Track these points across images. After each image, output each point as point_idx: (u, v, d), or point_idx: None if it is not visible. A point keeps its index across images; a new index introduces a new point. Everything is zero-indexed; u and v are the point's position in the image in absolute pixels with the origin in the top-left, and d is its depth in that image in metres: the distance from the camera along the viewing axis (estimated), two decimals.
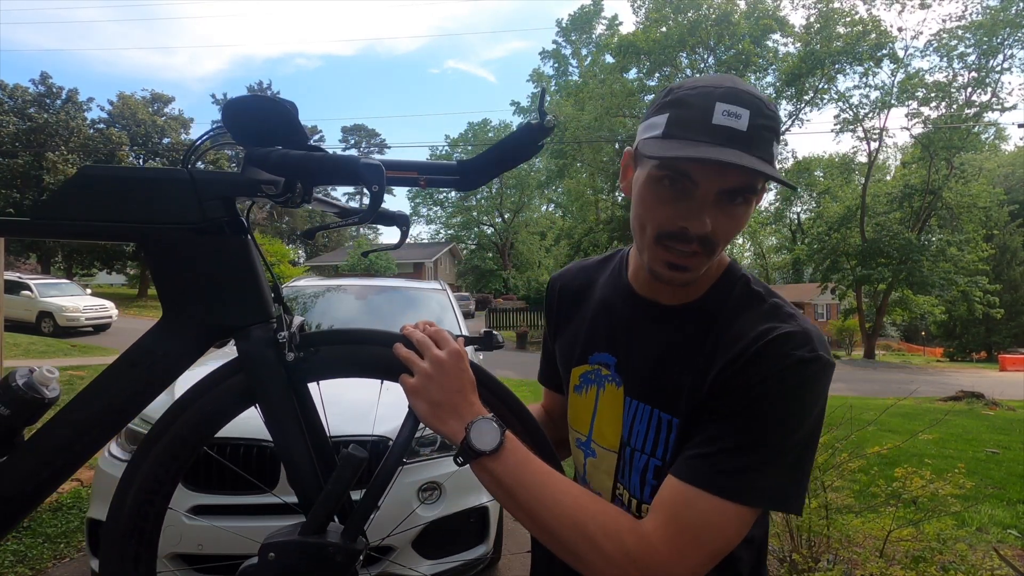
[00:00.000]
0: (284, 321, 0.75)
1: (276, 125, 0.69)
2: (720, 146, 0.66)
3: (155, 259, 0.74)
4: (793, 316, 0.74)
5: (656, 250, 0.75)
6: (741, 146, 0.66)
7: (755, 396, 0.68)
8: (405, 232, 0.78)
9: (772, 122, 0.70)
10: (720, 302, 0.79)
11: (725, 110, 0.67)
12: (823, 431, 0.74)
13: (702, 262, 0.74)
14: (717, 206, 0.71)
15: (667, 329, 0.81)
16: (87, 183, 0.72)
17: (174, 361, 0.74)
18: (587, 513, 0.67)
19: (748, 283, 0.80)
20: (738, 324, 0.75)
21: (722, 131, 0.67)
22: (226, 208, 0.73)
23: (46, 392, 0.74)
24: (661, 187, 0.72)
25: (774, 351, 0.69)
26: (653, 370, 0.80)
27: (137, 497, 0.72)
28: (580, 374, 0.90)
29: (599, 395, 0.87)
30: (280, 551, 0.68)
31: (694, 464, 0.68)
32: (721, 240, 0.73)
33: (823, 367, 0.69)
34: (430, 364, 0.73)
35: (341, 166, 0.68)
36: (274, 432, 0.73)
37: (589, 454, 0.89)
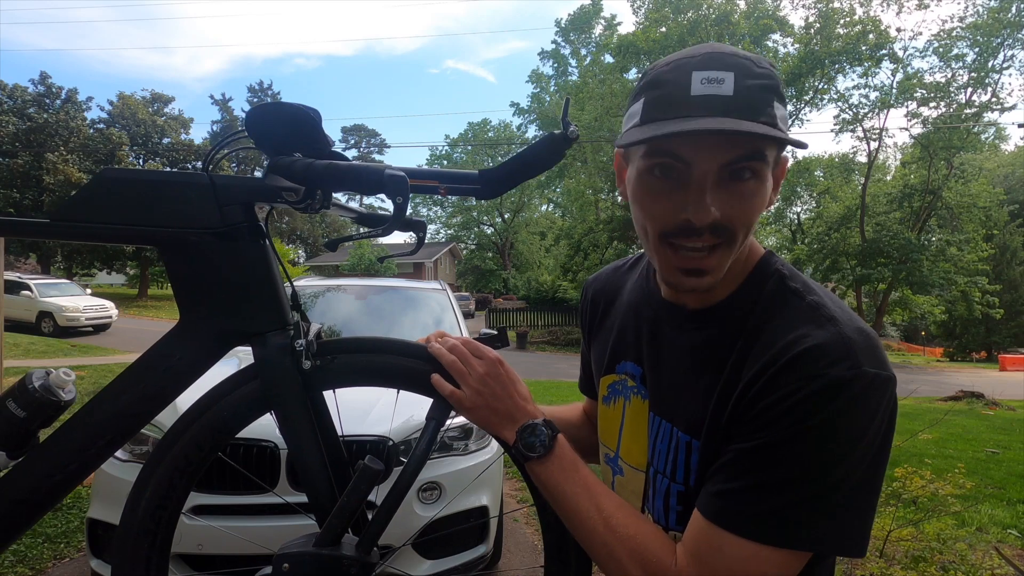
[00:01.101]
0: (301, 329, 0.74)
1: (299, 132, 0.69)
2: (703, 117, 0.58)
3: (173, 263, 0.73)
4: (834, 319, 0.61)
5: (664, 253, 0.66)
6: (728, 112, 0.58)
7: (784, 425, 0.57)
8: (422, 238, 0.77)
9: (767, 79, 0.61)
10: (750, 303, 0.69)
11: (704, 77, 0.59)
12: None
13: (722, 257, 0.64)
14: (721, 187, 0.62)
15: (692, 337, 0.72)
16: (107, 186, 0.71)
17: (189, 366, 0.74)
18: (619, 536, 0.65)
19: (783, 279, 0.69)
20: (769, 330, 0.64)
21: (704, 101, 0.59)
22: (245, 213, 0.72)
23: (62, 395, 0.74)
24: (652, 179, 0.65)
25: (803, 369, 0.58)
26: (675, 383, 0.73)
27: (151, 501, 0.72)
28: (608, 384, 0.85)
29: (626, 408, 0.81)
30: (294, 562, 0.67)
31: (721, 502, 0.61)
32: (738, 225, 0.63)
33: (870, 385, 0.57)
34: (478, 378, 0.73)
35: (366, 177, 0.67)
36: (289, 439, 0.73)
37: (617, 471, 0.83)
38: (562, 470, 0.70)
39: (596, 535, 0.66)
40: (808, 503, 0.57)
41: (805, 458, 0.57)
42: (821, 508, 0.57)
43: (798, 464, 0.57)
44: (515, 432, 0.71)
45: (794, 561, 0.59)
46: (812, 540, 0.58)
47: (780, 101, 0.62)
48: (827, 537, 0.58)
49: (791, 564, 0.59)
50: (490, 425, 0.73)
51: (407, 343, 0.78)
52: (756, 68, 0.61)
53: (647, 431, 0.76)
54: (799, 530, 0.57)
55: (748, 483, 0.59)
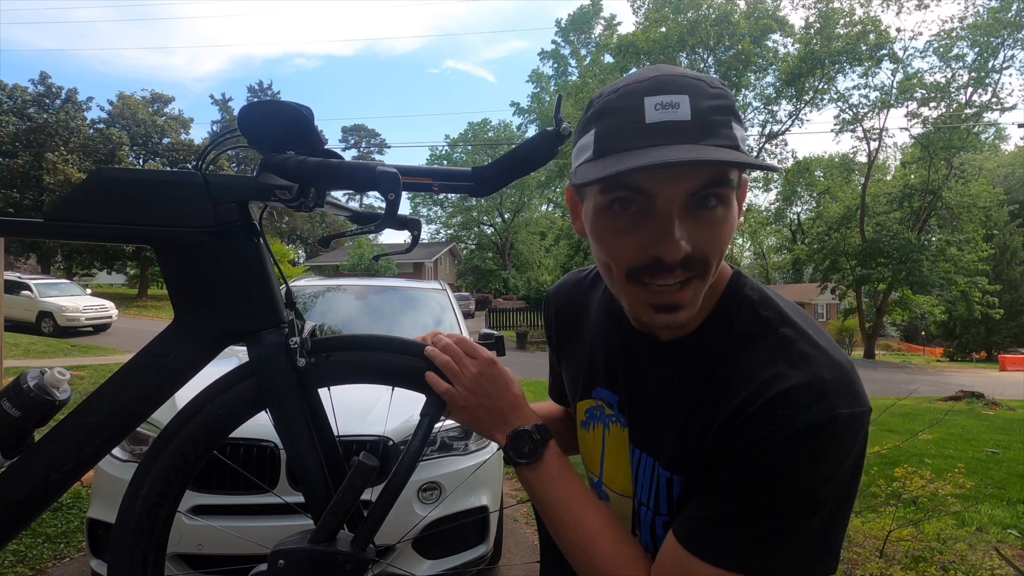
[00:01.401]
0: (296, 327, 0.74)
1: (291, 130, 0.69)
2: (663, 145, 0.55)
3: (168, 262, 0.73)
4: (806, 356, 0.59)
5: (632, 291, 0.62)
6: (688, 138, 0.55)
7: (758, 465, 0.57)
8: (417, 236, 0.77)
9: (722, 100, 0.57)
10: (721, 335, 0.65)
11: (657, 103, 0.56)
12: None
13: (696, 290, 0.61)
14: (689, 217, 0.58)
15: (665, 371, 0.69)
16: (101, 185, 0.71)
17: (185, 365, 0.74)
18: (599, 553, 0.66)
19: (754, 306, 0.66)
20: (742, 367, 0.62)
21: (660, 128, 0.55)
22: (240, 212, 0.72)
23: (57, 394, 0.74)
24: (613, 215, 0.61)
25: (775, 414, 0.57)
26: (652, 418, 0.70)
27: (147, 499, 0.72)
28: (585, 409, 0.82)
29: (605, 435, 0.78)
30: (290, 559, 0.68)
31: (695, 527, 0.61)
32: (711, 256, 0.60)
33: (843, 426, 0.56)
34: (472, 377, 0.73)
35: (358, 174, 0.67)
36: (284, 437, 0.73)
37: (603, 496, 0.80)
38: (550, 479, 0.70)
39: (576, 548, 0.68)
40: (778, 535, 0.57)
41: (780, 494, 0.57)
42: (791, 540, 0.58)
43: (772, 499, 0.57)
44: (506, 435, 0.72)
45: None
46: (779, 570, 0.58)
47: (738, 122, 0.58)
48: (795, 567, 0.58)
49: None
50: (482, 426, 0.74)
51: (402, 340, 0.78)
52: (709, 88, 0.57)
53: (629, 460, 0.74)
54: (767, 560, 0.58)
55: (722, 513, 0.59)
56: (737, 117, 0.59)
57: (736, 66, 22.64)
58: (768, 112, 24.59)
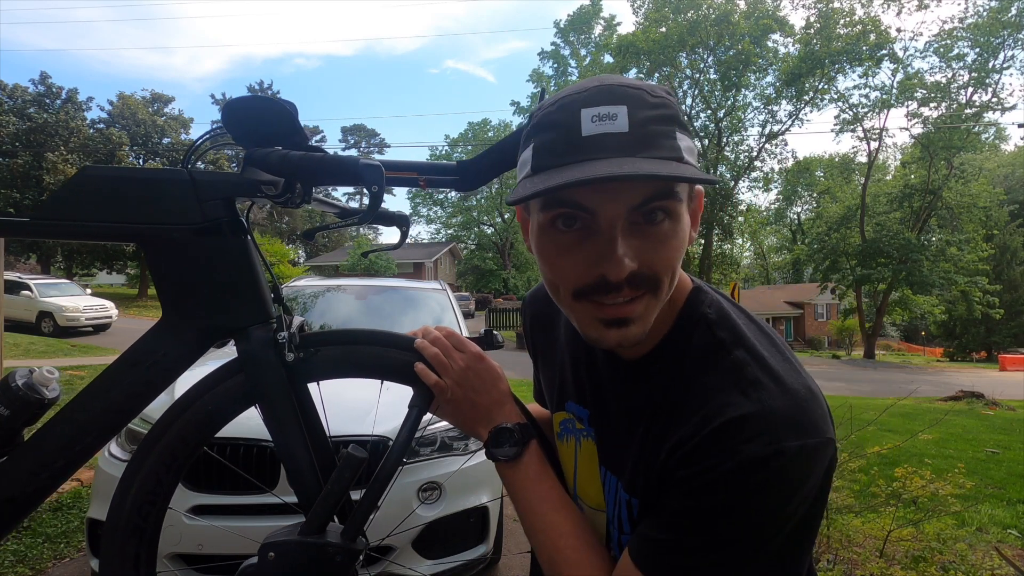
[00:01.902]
0: (284, 322, 0.75)
1: (276, 125, 0.69)
2: (598, 159, 0.52)
3: (155, 259, 0.74)
4: (757, 383, 0.57)
5: (581, 307, 0.60)
6: (626, 151, 0.53)
7: (704, 497, 0.56)
8: (405, 232, 0.78)
9: (664, 110, 0.55)
10: (677, 356, 0.64)
11: (594, 115, 0.54)
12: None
13: (647, 305, 0.59)
14: (634, 234, 0.56)
15: (628, 388, 0.68)
16: (87, 183, 0.72)
17: (174, 361, 0.74)
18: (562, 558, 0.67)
19: (710, 327, 0.63)
20: (693, 393, 0.60)
21: (596, 141, 0.53)
22: (226, 208, 0.72)
23: (46, 392, 0.74)
24: (556, 232, 0.59)
25: (721, 445, 0.55)
26: (618, 436, 0.69)
27: (138, 497, 0.72)
28: (560, 421, 0.82)
29: (577, 449, 0.78)
30: (280, 551, 0.68)
31: (644, 546, 0.61)
32: (660, 272, 0.58)
33: (791, 460, 0.54)
34: (459, 371, 0.73)
35: (341, 166, 0.68)
36: (274, 432, 0.73)
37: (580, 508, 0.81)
38: (526, 479, 0.71)
39: (543, 550, 0.68)
40: (723, 567, 0.57)
41: (722, 529, 0.56)
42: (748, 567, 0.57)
43: (715, 533, 0.56)
44: (488, 431, 0.72)
45: None
46: None
47: (683, 131, 0.56)
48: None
49: None
50: (467, 420, 0.74)
51: (390, 334, 0.78)
52: (650, 98, 0.55)
53: (599, 476, 0.73)
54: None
55: (670, 538, 0.59)
56: (682, 126, 0.56)
57: (736, 66, 22.64)
58: (768, 112, 24.61)
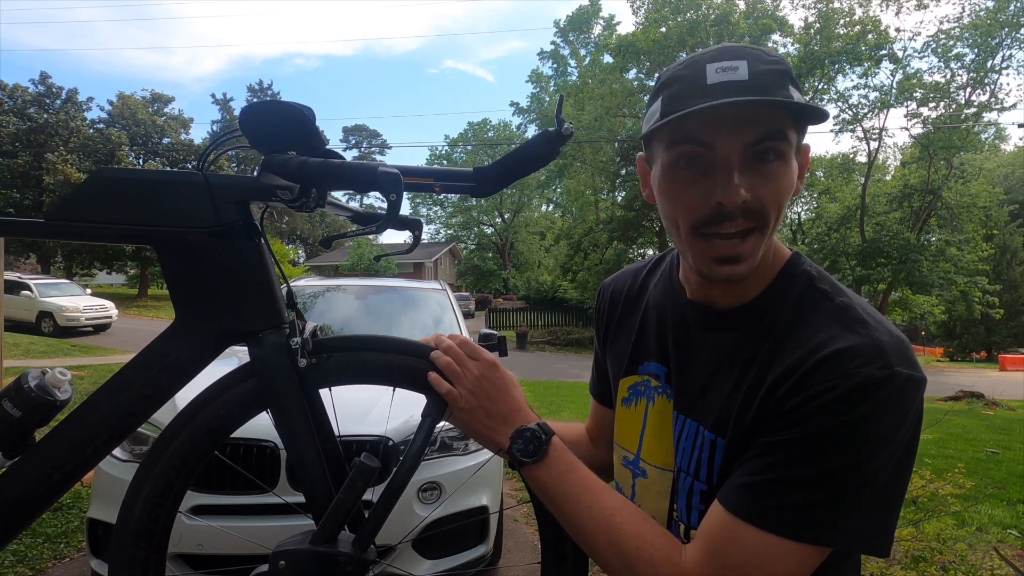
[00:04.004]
0: (297, 327, 0.74)
1: (292, 130, 0.69)
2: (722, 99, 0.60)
3: (168, 262, 0.73)
4: (864, 322, 0.61)
5: (697, 244, 0.66)
6: (748, 92, 0.60)
7: (815, 422, 0.57)
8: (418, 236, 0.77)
9: (779, 65, 0.62)
10: (778, 303, 0.68)
11: (718, 67, 0.61)
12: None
13: (756, 243, 0.64)
14: (748, 169, 0.62)
15: (720, 336, 0.72)
16: (102, 185, 0.71)
17: (186, 365, 0.74)
18: (624, 533, 0.64)
19: (812, 280, 0.69)
20: (799, 330, 0.64)
21: (721, 87, 0.60)
22: (240, 212, 0.72)
23: (58, 394, 0.74)
24: (679, 171, 0.66)
25: (836, 368, 0.57)
26: (702, 383, 0.72)
27: (148, 500, 0.72)
28: (629, 386, 0.84)
29: (648, 409, 0.80)
30: (291, 560, 0.67)
31: (744, 494, 0.60)
32: (769, 207, 0.63)
33: (903, 385, 0.57)
34: (474, 380, 0.72)
35: (359, 174, 0.67)
36: (285, 437, 0.73)
37: (639, 474, 0.81)
38: (559, 472, 0.69)
39: (599, 535, 0.65)
40: (835, 501, 0.57)
41: (835, 456, 0.57)
42: (847, 506, 0.57)
43: (827, 461, 0.57)
44: (508, 436, 0.71)
45: (813, 557, 0.58)
46: (835, 538, 0.57)
47: (795, 86, 0.63)
48: (851, 535, 0.57)
49: (809, 560, 0.58)
50: (484, 429, 0.72)
51: (404, 341, 0.78)
52: (767, 56, 0.63)
53: (672, 431, 0.75)
54: (823, 527, 0.57)
55: (774, 477, 0.58)
56: (794, 82, 0.63)
57: None
58: None
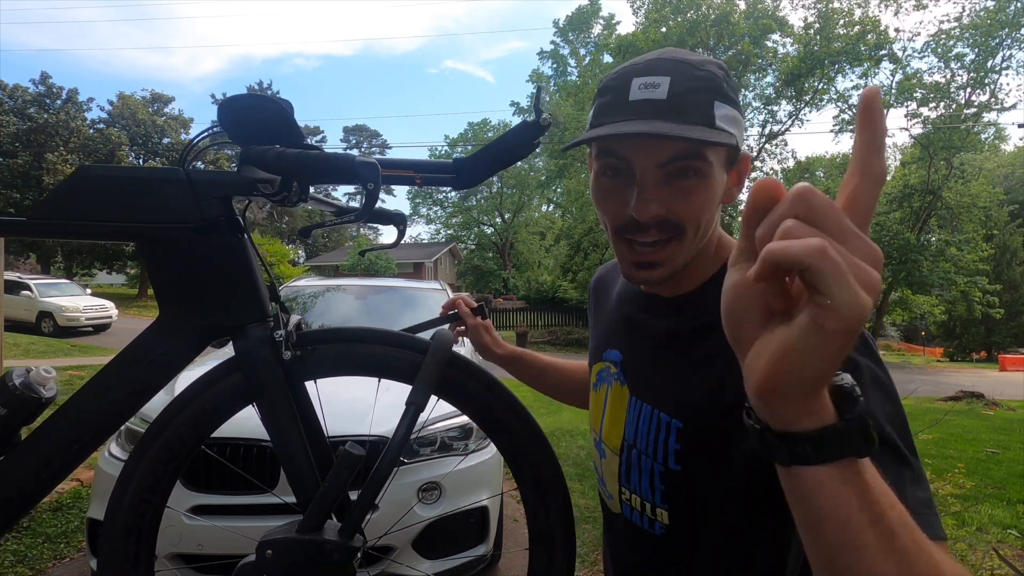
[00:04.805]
0: (281, 320, 0.75)
1: (272, 124, 0.69)
2: (635, 120, 0.62)
3: (152, 259, 0.74)
4: None
5: (620, 247, 0.71)
6: (662, 116, 0.62)
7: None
8: (402, 231, 0.78)
9: (705, 82, 0.63)
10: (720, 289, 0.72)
11: (641, 83, 0.63)
12: None
13: (673, 251, 0.68)
14: (665, 184, 0.66)
15: (668, 323, 0.76)
16: (84, 183, 0.72)
17: (171, 360, 0.74)
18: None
19: None
20: None
21: (639, 105, 0.63)
22: (223, 207, 0.73)
23: (43, 391, 0.74)
24: (604, 179, 0.70)
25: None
26: (654, 368, 0.76)
27: (135, 496, 0.72)
28: (597, 371, 0.88)
29: (608, 394, 0.84)
30: (277, 549, 0.68)
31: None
32: (685, 220, 0.66)
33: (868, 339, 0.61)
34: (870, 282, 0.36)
35: (337, 164, 0.68)
36: (271, 431, 0.73)
37: (601, 455, 0.86)
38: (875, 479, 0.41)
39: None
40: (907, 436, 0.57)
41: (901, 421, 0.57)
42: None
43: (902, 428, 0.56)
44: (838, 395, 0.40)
45: None
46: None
47: (724, 100, 0.64)
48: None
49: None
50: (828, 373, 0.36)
51: (389, 332, 0.78)
52: (697, 71, 0.63)
53: (625, 415, 0.79)
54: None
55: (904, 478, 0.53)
56: (723, 95, 0.64)
57: (736, 66, 22.63)
58: (768, 112, 24.59)
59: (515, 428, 0.77)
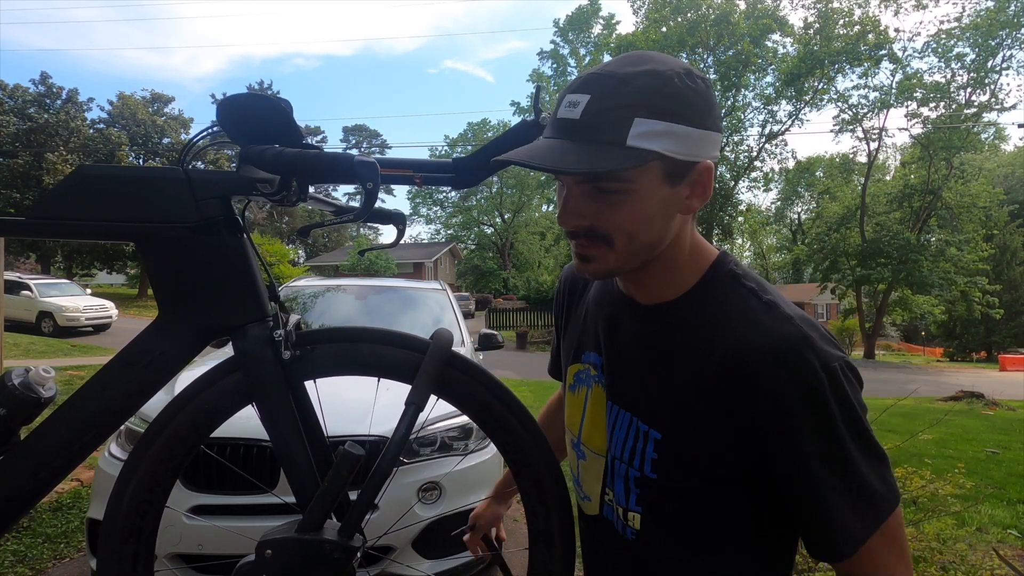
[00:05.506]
0: (280, 319, 0.75)
1: (271, 123, 0.69)
2: (555, 139, 0.65)
3: (151, 258, 0.74)
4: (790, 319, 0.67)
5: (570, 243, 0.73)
6: (573, 136, 0.63)
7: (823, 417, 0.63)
8: (402, 230, 0.78)
9: (628, 99, 0.62)
10: (706, 300, 0.72)
11: (568, 101, 0.64)
12: None
13: (604, 255, 0.69)
14: (591, 197, 0.67)
15: (648, 331, 0.75)
16: (83, 182, 0.72)
17: (170, 360, 0.74)
18: None
19: (737, 278, 0.72)
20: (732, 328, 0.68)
21: (560, 124, 0.65)
22: (222, 207, 0.73)
23: (42, 391, 0.74)
24: (559, 186, 0.72)
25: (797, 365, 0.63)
26: (633, 375, 0.75)
27: (135, 496, 0.72)
28: (574, 372, 0.88)
29: (588, 396, 0.83)
30: (277, 548, 0.68)
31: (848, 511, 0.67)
32: (613, 231, 0.67)
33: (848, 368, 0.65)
34: None
35: (336, 164, 0.68)
36: (271, 430, 0.73)
37: (580, 456, 0.85)
38: None
39: None
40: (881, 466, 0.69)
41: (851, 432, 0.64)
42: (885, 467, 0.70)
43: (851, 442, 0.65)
44: None
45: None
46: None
47: (654, 115, 0.61)
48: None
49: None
50: None
51: (387, 331, 0.78)
52: (623, 87, 0.62)
53: (605, 419, 0.79)
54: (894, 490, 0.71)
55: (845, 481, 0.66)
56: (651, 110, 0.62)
57: (736, 66, 22.62)
58: (768, 112, 24.59)
59: (513, 427, 0.77)
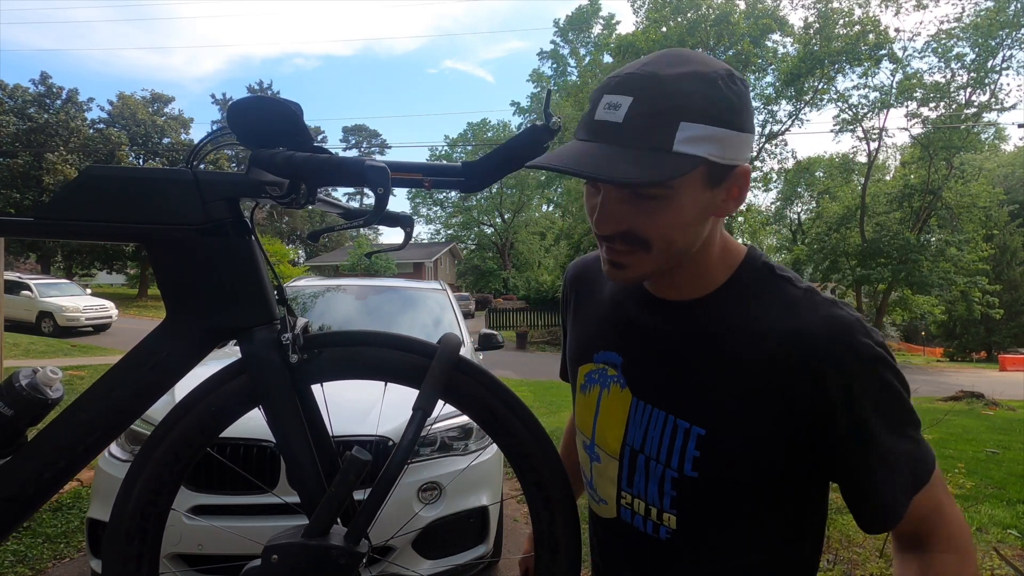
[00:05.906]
0: (288, 323, 0.74)
1: (280, 126, 0.69)
2: (595, 142, 0.62)
3: (159, 260, 0.73)
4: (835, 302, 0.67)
5: (601, 248, 0.72)
6: (615, 140, 0.61)
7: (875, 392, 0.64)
8: (409, 233, 0.77)
9: (671, 101, 0.60)
10: (743, 293, 0.71)
11: (607, 102, 0.62)
12: None
13: (641, 260, 0.68)
14: (629, 202, 0.65)
15: (682, 328, 0.74)
16: (91, 183, 0.71)
17: (177, 362, 0.74)
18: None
19: (772, 270, 0.73)
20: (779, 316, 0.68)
21: (599, 127, 0.62)
22: (230, 209, 0.72)
23: (49, 393, 0.74)
24: (588, 189, 0.70)
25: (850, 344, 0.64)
26: (667, 372, 0.74)
27: (141, 497, 0.72)
28: (586, 373, 0.85)
29: (601, 396, 0.81)
30: (283, 553, 0.68)
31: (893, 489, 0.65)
32: (651, 236, 0.66)
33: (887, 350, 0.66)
34: None
35: (346, 168, 0.67)
36: (277, 434, 0.73)
37: (594, 459, 0.83)
38: None
39: None
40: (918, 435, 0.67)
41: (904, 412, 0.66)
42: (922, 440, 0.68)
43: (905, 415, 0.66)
44: None
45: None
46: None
47: (698, 119, 0.60)
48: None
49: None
50: None
51: (395, 335, 0.78)
52: (666, 88, 0.60)
53: (626, 418, 0.77)
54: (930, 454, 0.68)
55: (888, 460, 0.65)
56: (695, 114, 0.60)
57: (736, 66, 22.59)
58: (768, 112, 24.58)
59: (517, 429, 0.77)
